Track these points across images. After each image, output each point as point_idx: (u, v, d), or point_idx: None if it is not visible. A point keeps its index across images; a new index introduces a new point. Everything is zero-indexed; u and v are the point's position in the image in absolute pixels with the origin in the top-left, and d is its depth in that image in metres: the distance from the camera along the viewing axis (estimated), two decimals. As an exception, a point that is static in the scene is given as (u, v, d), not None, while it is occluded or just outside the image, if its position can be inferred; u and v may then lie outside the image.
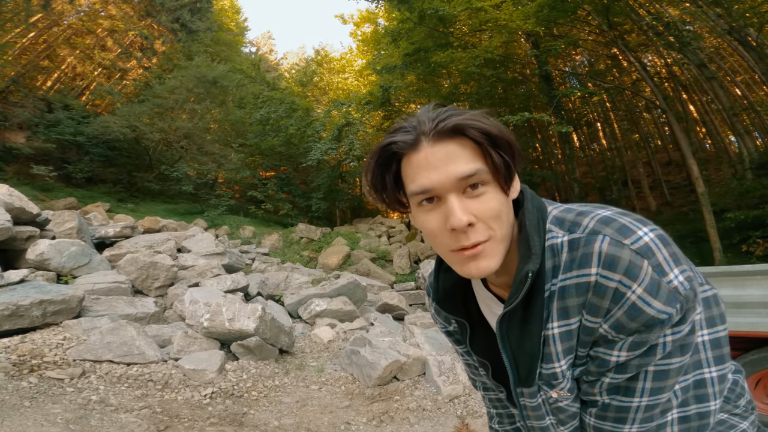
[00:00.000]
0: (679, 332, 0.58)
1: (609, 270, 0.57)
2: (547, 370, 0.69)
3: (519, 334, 0.68)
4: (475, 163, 0.58)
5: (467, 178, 0.57)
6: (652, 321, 0.56)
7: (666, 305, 0.56)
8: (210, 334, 3.99)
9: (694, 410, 0.66)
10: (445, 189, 0.58)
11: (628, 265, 0.56)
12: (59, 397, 2.82)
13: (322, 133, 15.21)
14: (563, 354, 0.66)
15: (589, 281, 0.59)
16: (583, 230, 0.61)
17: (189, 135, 16.91)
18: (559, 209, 0.67)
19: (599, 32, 12.98)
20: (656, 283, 0.56)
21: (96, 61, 19.44)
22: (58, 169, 14.32)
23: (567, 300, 0.62)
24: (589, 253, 0.59)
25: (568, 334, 0.65)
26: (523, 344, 0.69)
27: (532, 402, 0.75)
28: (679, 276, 0.56)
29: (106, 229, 7.10)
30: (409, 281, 9.81)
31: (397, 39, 13.97)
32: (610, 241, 0.58)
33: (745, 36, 10.26)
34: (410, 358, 4.01)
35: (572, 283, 0.61)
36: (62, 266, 5.03)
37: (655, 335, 0.58)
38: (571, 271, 0.61)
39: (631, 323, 0.57)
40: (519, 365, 0.72)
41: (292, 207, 16.97)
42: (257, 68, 19.29)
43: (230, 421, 2.99)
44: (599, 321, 0.60)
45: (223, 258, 7.00)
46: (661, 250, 0.57)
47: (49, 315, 3.72)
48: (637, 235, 0.58)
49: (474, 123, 0.57)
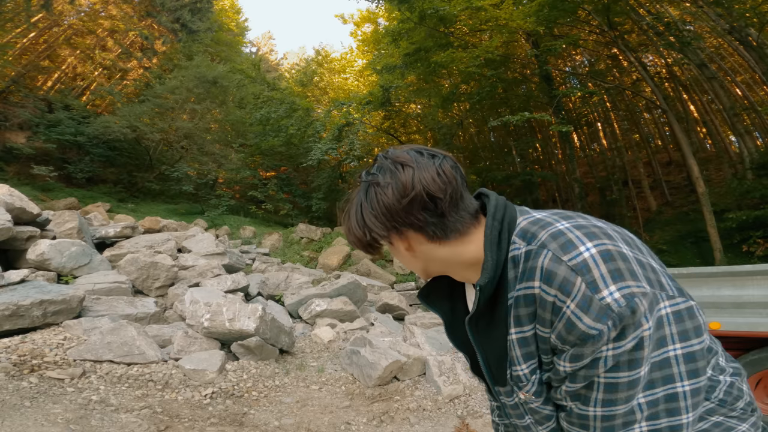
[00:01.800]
0: (619, 347, 0.59)
1: (547, 285, 0.63)
2: (515, 372, 0.75)
3: (487, 336, 0.76)
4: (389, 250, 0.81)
5: None
6: (584, 336, 0.60)
7: (596, 322, 0.58)
8: (210, 334, 3.99)
9: (665, 424, 0.66)
10: None
11: (562, 281, 0.61)
12: (60, 397, 2.82)
13: (322, 133, 15.22)
14: (523, 359, 0.72)
15: (533, 293, 0.66)
16: (536, 243, 0.67)
17: (189, 135, 16.92)
18: (528, 220, 0.72)
19: (599, 32, 12.98)
20: (588, 300, 0.59)
21: (96, 62, 19.46)
22: (59, 169, 14.34)
23: (519, 309, 0.69)
24: (534, 267, 0.65)
25: (524, 340, 0.71)
26: (491, 346, 0.77)
27: (509, 401, 0.82)
28: (615, 293, 0.58)
29: (107, 230, 7.11)
30: (409, 281, 9.81)
31: (398, 39, 13.97)
32: (551, 257, 0.63)
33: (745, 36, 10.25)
34: (410, 358, 4.01)
35: (521, 294, 0.68)
36: (63, 266, 5.04)
37: (590, 349, 0.61)
38: (522, 282, 0.68)
39: (568, 336, 0.62)
40: (491, 365, 0.79)
41: (292, 207, 16.99)
42: (257, 68, 19.31)
43: (230, 421, 2.99)
44: (548, 331, 0.66)
45: (223, 258, 7.00)
46: (600, 266, 0.60)
47: (50, 315, 3.73)
48: (577, 251, 0.62)
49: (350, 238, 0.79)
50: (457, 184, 0.71)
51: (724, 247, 9.96)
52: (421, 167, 0.69)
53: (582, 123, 19.85)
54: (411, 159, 0.70)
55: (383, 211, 0.70)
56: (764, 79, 10.79)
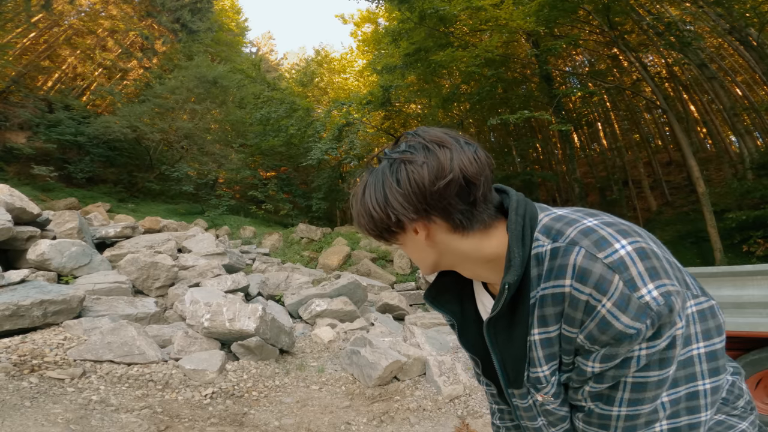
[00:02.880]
0: (654, 347, 0.58)
1: (581, 283, 0.59)
2: (533, 374, 0.72)
3: (506, 338, 0.73)
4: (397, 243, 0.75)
5: None
6: (621, 335, 0.58)
7: (634, 321, 0.56)
8: (210, 334, 3.99)
9: (684, 422, 0.66)
10: None
11: (599, 279, 0.58)
12: (60, 397, 2.82)
13: (322, 133, 15.23)
14: (545, 360, 0.70)
15: (563, 292, 0.62)
16: (564, 240, 0.63)
17: (189, 135, 16.93)
18: (550, 217, 0.69)
19: (600, 32, 12.98)
20: (626, 298, 0.57)
21: (97, 62, 19.46)
22: (59, 169, 14.34)
23: (545, 309, 0.66)
24: (564, 265, 0.62)
25: (548, 341, 0.68)
26: (509, 348, 0.73)
27: (523, 403, 0.79)
28: (653, 291, 0.56)
29: (107, 230, 7.11)
30: (409, 281, 9.82)
31: (398, 39, 13.97)
32: (585, 254, 0.60)
33: (745, 36, 10.25)
34: (410, 359, 4.01)
35: (549, 293, 0.64)
36: (63, 266, 5.04)
37: (625, 349, 0.59)
38: (549, 281, 0.64)
39: (601, 336, 0.59)
40: (507, 367, 0.76)
41: (292, 207, 16.99)
42: (257, 68, 19.30)
43: (231, 421, 2.99)
44: (576, 331, 0.63)
45: (223, 258, 7.00)
46: (637, 264, 0.58)
47: (50, 315, 3.73)
48: (612, 248, 0.59)
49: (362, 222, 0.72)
50: (490, 172, 0.68)
51: (725, 247, 9.96)
52: (459, 150, 0.65)
53: (582, 123, 19.85)
54: (449, 140, 0.66)
55: (415, 191, 0.64)
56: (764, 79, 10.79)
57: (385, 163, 0.68)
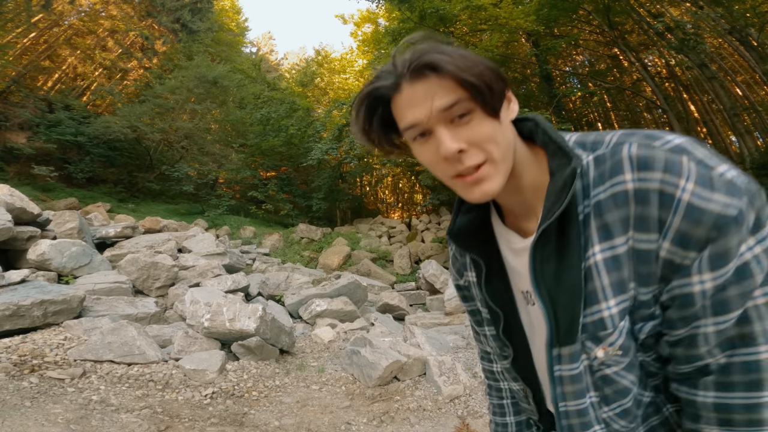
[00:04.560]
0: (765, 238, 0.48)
1: (645, 170, 0.51)
2: (593, 316, 0.57)
3: (556, 266, 0.59)
4: (455, 94, 0.55)
5: (449, 109, 0.55)
6: (722, 220, 0.46)
7: (730, 197, 0.46)
8: (210, 334, 3.99)
9: None
10: (431, 122, 0.57)
11: (666, 162, 0.49)
12: (60, 397, 2.82)
13: (322, 133, 15.22)
14: (612, 290, 0.55)
15: (626, 189, 0.52)
16: (608, 145, 0.56)
17: (190, 135, 16.92)
18: (576, 135, 0.62)
19: (600, 32, 12.98)
20: (706, 176, 0.48)
21: (97, 62, 19.46)
22: (59, 169, 14.33)
23: (605, 215, 0.55)
24: (618, 161, 0.53)
25: (614, 260, 0.55)
26: (561, 278, 0.58)
27: (571, 370, 0.61)
28: (731, 170, 0.48)
29: (107, 230, 7.11)
30: (409, 281, 9.82)
31: (398, 39, 13.94)
32: (639, 145, 0.52)
33: (746, 36, 10.25)
34: (411, 359, 4.01)
35: (607, 195, 0.54)
36: (63, 266, 5.04)
37: (735, 240, 0.47)
38: (603, 184, 0.55)
39: (696, 229, 0.48)
40: (558, 311, 0.59)
41: (292, 207, 16.98)
42: (258, 68, 19.30)
43: (231, 421, 2.99)
44: (655, 239, 0.51)
45: (223, 258, 7.01)
46: (698, 148, 0.50)
47: (50, 315, 3.73)
48: (666, 138, 0.52)
49: (445, 57, 0.55)
50: None
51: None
52: None
53: (582, 123, 19.84)
54: None
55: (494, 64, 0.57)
56: (765, 79, 10.78)
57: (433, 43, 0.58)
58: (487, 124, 0.56)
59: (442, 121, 0.56)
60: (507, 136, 0.59)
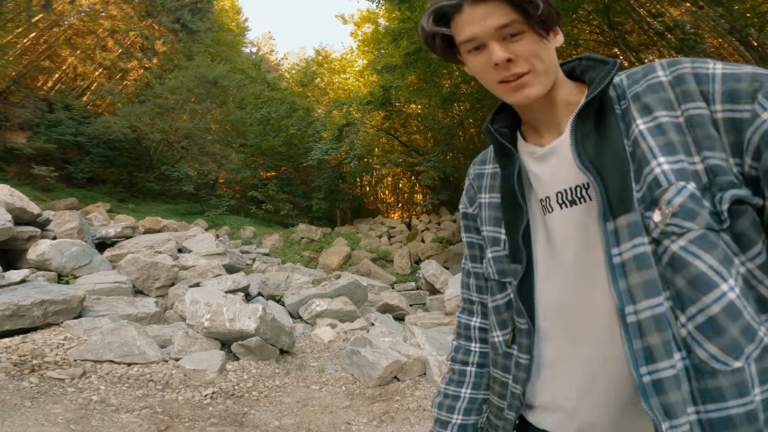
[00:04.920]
0: None
1: (674, 66, 0.61)
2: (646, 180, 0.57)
3: (596, 140, 0.63)
4: (509, 16, 0.63)
5: (503, 28, 0.64)
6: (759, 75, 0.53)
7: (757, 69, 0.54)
8: (210, 334, 3.99)
9: None
10: (486, 37, 0.65)
11: (692, 60, 0.59)
12: (60, 397, 2.82)
13: (322, 133, 15.23)
14: (660, 150, 0.57)
15: (661, 81, 0.61)
16: (639, 70, 0.66)
17: (190, 135, 16.93)
18: None
19: (600, 32, 12.98)
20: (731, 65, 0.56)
21: (97, 62, 19.46)
22: (59, 169, 14.34)
23: (644, 99, 0.62)
24: (650, 67, 0.64)
25: (658, 128, 0.58)
26: (604, 149, 0.61)
27: (635, 248, 0.56)
28: None
29: (107, 230, 7.11)
30: (409, 281, 9.82)
31: (398, 39, 13.96)
32: (667, 60, 0.62)
33: (746, 36, 10.25)
34: (411, 359, 4.01)
35: (643, 87, 0.63)
36: (63, 266, 5.04)
37: None
38: (638, 83, 0.64)
39: (739, 84, 0.53)
40: (606, 178, 0.60)
41: (292, 207, 16.99)
42: (258, 68, 19.30)
43: (231, 421, 2.99)
44: (704, 106, 0.55)
45: (223, 258, 7.01)
46: None
47: (50, 315, 3.73)
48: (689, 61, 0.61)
49: None
50: None
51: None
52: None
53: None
54: None
55: None
56: (765, 79, 10.78)
57: None
58: (535, 43, 0.65)
59: (495, 38, 0.65)
60: (551, 56, 0.67)
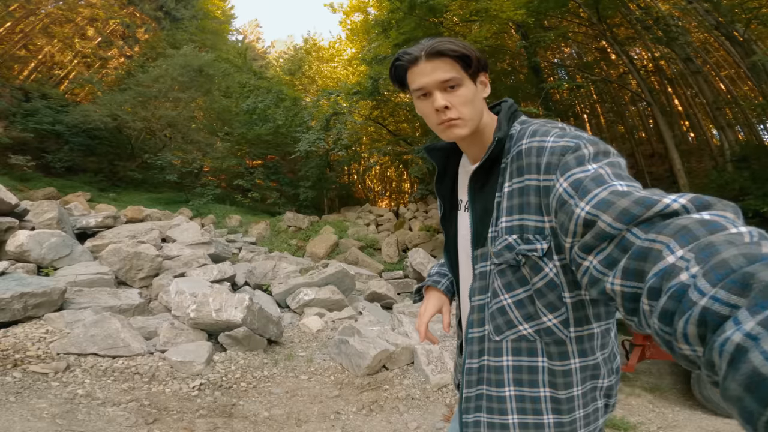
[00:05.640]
0: None
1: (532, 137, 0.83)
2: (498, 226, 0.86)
3: (481, 187, 0.92)
4: (451, 73, 0.86)
5: (446, 82, 0.86)
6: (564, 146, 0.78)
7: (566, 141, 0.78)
8: (197, 325, 3.95)
9: None
10: (432, 88, 0.87)
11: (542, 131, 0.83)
12: (44, 392, 2.76)
13: (310, 122, 15.04)
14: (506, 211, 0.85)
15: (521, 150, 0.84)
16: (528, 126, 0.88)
17: (173, 124, 16.56)
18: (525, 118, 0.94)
19: (589, 25, 13.03)
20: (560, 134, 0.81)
21: (75, 50, 18.83)
22: (37, 158, 13.93)
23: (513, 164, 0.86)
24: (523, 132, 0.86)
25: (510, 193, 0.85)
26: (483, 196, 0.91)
27: (483, 268, 0.91)
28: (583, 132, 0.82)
29: (88, 219, 6.94)
30: (397, 270, 9.83)
31: (387, 29, 13.80)
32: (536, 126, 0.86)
33: (731, 31, 10.40)
34: (399, 347, 4.03)
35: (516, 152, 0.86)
36: (42, 258, 4.91)
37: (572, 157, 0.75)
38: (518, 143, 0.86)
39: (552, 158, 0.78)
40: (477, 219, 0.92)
41: (279, 195, 16.82)
42: (243, 57, 18.90)
43: (220, 413, 2.98)
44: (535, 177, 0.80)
45: (209, 247, 6.90)
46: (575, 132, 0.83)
47: (31, 308, 3.64)
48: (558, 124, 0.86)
49: (450, 47, 0.85)
50: None
51: (704, 237, 10.16)
52: None
53: (569, 114, 20.01)
54: None
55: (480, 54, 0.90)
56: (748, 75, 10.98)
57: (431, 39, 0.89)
58: (467, 92, 0.88)
59: (439, 89, 0.87)
60: (478, 105, 0.90)
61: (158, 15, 20.64)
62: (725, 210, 0.52)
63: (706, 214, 0.51)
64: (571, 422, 0.84)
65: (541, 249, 0.79)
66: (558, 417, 0.83)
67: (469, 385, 0.92)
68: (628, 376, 4.36)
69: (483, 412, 0.90)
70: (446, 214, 1.07)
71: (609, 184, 0.64)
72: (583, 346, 0.83)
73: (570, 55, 19.50)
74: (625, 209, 0.58)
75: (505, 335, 0.86)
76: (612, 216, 0.59)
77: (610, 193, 0.62)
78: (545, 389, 0.83)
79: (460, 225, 1.02)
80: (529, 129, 0.85)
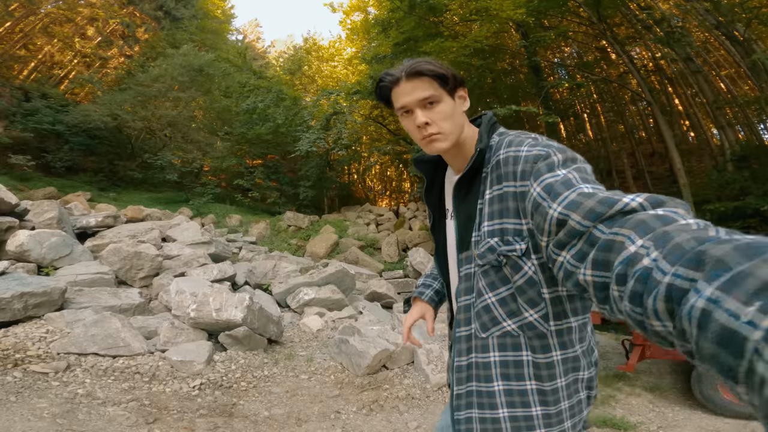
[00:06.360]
0: None
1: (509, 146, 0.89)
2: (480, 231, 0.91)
3: (464, 196, 0.98)
4: (430, 91, 0.92)
5: (425, 100, 0.92)
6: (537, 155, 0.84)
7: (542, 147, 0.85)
8: (197, 324, 3.95)
9: None
10: (413, 105, 0.94)
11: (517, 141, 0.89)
12: (45, 392, 2.77)
13: (310, 122, 15.03)
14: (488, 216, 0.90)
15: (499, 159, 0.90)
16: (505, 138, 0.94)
17: (173, 123, 16.54)
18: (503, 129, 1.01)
19: (589, 24, 13.02)
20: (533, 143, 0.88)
21: (75, 50, 18.81)
22: (37, 158, 13.91)
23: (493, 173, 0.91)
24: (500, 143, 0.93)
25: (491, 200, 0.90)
26: (465, 207, 0.97)
27: (468, 270, 0.96)
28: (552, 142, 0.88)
29: (88, 219, 6.94)
30: (397, 269, 9.83)
31: (387, 28, 13.80)
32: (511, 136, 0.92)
33: (732, 31, 10.39)
34: (399, 347, 4.04)
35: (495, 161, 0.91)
36: (43, 257, 4.91)
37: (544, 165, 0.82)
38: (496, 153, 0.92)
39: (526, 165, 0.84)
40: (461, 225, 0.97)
41: (279, 195, 16.81)
42: (243, 57, 18.87)
43: (220, 413, 2.98)
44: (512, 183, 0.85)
45: (209, 247, 6.91)
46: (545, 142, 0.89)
47: (31, 308, 3.64)
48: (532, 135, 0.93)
49: (428, 67, 0.92)
50: None
51: (704, 237, 10.15)
52: None
53: (569, 114, 20.00)
54: None
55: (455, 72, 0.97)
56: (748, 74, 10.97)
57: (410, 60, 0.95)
58: (446, 108, 0.94)
59: (419, 107, 0.94)
60: (458, 119, 0.96)
61: (158, 15, 20.63)
62: (676, 207, 0.58)
63: (660, 210, 0.57)
64: (557, 413, 0.88)
65: (520, 249, 0.85)
66: (545, 408, 0.88)
67: (459, 383, 0.97)
68: (628, 376, 4.37)
69: (474, 408, 0.94)
70: (435, 223, 1.13)
71: (576, 187, 0.71)
72: (563, 339, 0.89)
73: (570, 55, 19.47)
74: (591, 209, 0.64)
75: (491, 332, 0.91)
76: (580, 215, 0.65)
77: (578, 195, 0.69)
78: (531, 382, 0.88)
79: (449, 233, 1.08)
80: (505, 140, 0.92)
